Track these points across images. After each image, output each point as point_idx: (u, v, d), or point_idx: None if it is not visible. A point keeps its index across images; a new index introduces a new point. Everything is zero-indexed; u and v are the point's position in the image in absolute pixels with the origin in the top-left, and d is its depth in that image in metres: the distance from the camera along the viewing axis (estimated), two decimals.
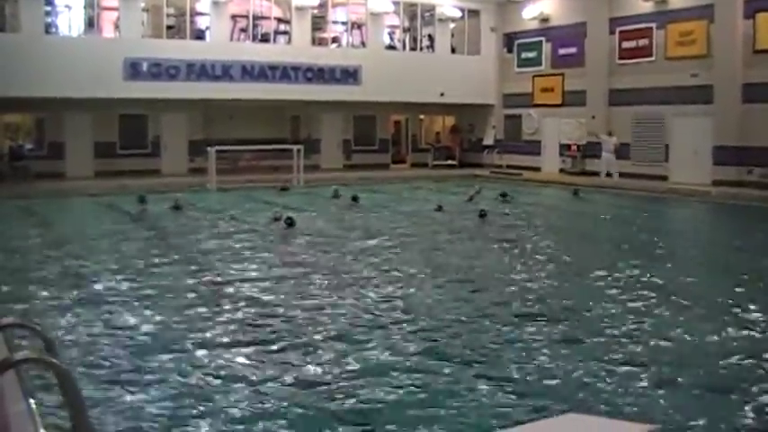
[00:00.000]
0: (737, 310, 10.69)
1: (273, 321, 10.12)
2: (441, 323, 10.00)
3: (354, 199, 24.24)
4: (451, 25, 37.72)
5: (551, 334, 9.52)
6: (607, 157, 30.71)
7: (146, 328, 9.90)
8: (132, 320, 10.19)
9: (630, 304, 11.02)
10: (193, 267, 13.83)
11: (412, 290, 12.05)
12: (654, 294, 11.56)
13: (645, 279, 12.75)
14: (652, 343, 9.13)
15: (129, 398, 7.43)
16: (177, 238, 17.47)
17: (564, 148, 34.28)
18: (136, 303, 11.11)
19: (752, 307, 10.80)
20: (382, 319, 10.26)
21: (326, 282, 12.63)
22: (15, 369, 4.42)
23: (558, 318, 10.27)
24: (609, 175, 30.65)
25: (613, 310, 10.67)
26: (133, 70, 29.89)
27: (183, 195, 23.54)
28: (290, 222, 18.83)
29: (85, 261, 14.43)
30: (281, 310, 10.68)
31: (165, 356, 8.65)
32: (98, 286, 12.31)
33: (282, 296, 11.61)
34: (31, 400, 4.98)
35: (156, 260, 14.53)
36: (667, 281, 12.59)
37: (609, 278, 12.88)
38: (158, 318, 10.35)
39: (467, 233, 18.27)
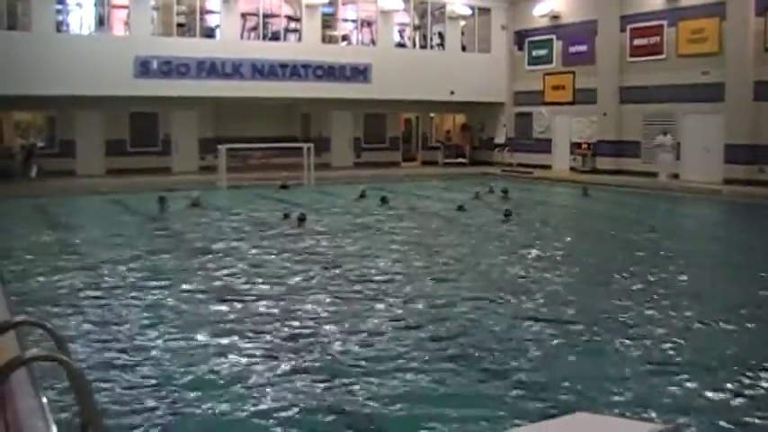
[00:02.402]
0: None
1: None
2: (459, 323, 10.04)
3: (384, 200, 23.54)
4: (462, 23, 37.68)
5: (566, 335, 9.52)
6: (665, 158, 29.14)
7: (160, 329, 9.83)
8: (147, 324, 10.05)
9: (648, 305, 11.01)
10: (213, 265, 13.88)
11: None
12: (678, 297, 11.53)
13: (667, 282, 12.70)
14: (670, 344, 9.10)
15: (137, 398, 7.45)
16: (202, 241, 17.19)
17: (575, 146, 34.23)
18: (152, 305, 11.01)
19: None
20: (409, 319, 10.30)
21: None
22: (27, 367, 4.43)
23: (576, 319, 10.25)
24: (675, 176, 29.30)
25: (631, 311, 10.66)
26: (143, 68, 29.93)
27: (200, 193, 23.42)
28: (302, 218, 18.96)
29: (102, 260, 14.35)
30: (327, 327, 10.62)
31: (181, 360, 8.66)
32: (115, 285, 12.25)
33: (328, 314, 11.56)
34: (43, 398, 4.99)
35: (176, 260, 14.57)
36: (692, 284, 12.57)
37: (628, 280, 12.85)
38: (174, 319, 10.36)
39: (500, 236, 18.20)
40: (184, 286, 12.11)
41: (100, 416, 4.42)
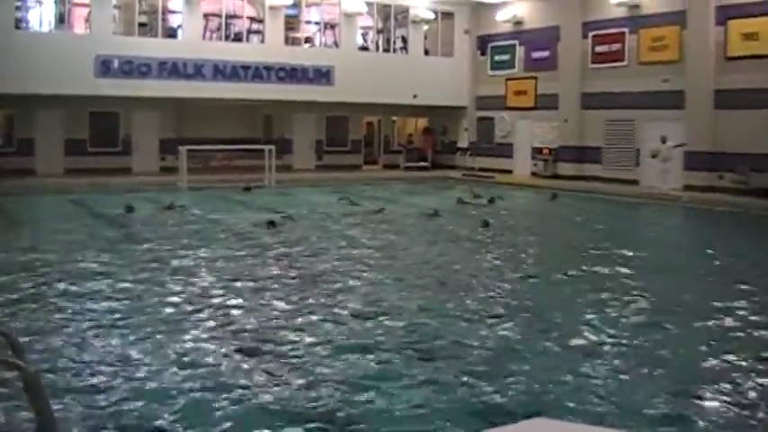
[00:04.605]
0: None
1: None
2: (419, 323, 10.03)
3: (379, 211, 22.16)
4: (425, 27, 37.75)
5: (525, 335, 9.57)
6: (663, 166, 27.90)
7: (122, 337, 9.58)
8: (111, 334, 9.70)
9: (603, 307, 11.09)
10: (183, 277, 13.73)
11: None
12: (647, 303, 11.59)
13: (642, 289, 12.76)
14: (630, 348, 9.18)
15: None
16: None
17: (536, 152, 34.37)
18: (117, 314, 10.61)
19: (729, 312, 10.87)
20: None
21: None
22: None
23: (539, 322, 10.31)
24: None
25: (587, 314, 10.73)
26: (104, 67, 29.63)
27: (174, 199, 22.92)
28: (272, 223, 18.70)
29: (62, 264, 14.04)
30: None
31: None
32: (78, 291, 11.94)
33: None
34: None
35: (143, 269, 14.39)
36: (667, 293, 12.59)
37: (582, 280, 12.94)
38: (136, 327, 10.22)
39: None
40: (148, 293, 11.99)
41: (54, 420, 4.35)
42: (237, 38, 33.22)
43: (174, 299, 11.40)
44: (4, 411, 4.97)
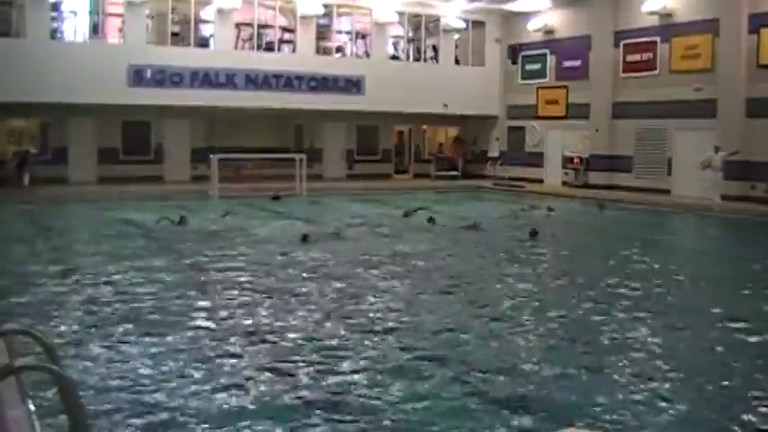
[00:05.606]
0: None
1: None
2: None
3: (430, 220, 21.51)
4: (456, 36, 37.78)
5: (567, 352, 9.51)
6: (714, 177, 26.82)
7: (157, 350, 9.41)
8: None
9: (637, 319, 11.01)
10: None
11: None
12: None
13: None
14: (663, 360, 9.06)
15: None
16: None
17: (567, 161, 34.25)
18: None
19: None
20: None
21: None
22: (15, 375, 4.40)
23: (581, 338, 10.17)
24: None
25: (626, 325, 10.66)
26: (137, 77, 29.92)
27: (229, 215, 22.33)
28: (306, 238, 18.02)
29: (99, 271, 14.03)
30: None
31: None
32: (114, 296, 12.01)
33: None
34: (31, 405, 4.96)
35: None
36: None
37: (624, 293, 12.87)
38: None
39: None
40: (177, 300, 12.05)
41: (88, 424, 4.38)
42: (269, 47, 33.40)
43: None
44: (38, 413, 5.02)
